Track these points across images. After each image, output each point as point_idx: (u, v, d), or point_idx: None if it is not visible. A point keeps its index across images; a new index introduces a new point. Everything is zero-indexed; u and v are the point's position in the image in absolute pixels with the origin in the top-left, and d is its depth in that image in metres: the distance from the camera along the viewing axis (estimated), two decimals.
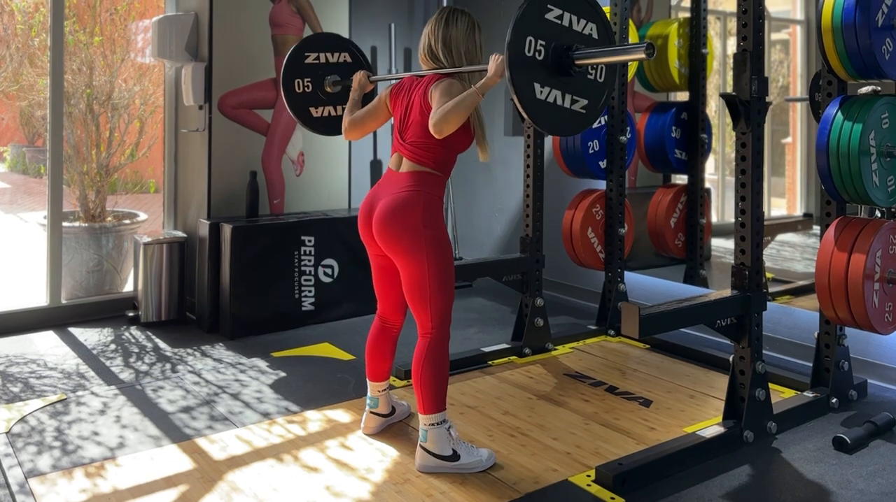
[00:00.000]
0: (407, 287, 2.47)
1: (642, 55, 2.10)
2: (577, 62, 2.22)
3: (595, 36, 2.31)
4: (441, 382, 2.45)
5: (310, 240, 4.14)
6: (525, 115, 2.18)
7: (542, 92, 2.20)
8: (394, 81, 2.76)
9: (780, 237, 5.22)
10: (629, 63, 4.00)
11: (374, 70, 5.26)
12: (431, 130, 2.33)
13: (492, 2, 5.40)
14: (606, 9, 4.00)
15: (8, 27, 5.12)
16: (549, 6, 2.21)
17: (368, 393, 2.74)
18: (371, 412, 2.74)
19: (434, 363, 2.44)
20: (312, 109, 3.10)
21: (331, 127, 3.15)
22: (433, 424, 2.43)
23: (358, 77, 2.89)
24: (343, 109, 3.09)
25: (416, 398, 2.47)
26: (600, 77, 2.34)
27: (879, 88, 2.98)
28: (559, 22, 2.23)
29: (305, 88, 3.07)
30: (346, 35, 4.63)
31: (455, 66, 2.53)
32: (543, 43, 2.19)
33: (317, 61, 3.07)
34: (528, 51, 2.16)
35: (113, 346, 3.76)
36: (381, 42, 5.28)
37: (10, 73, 5.14)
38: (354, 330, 4.02)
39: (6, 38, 5.09)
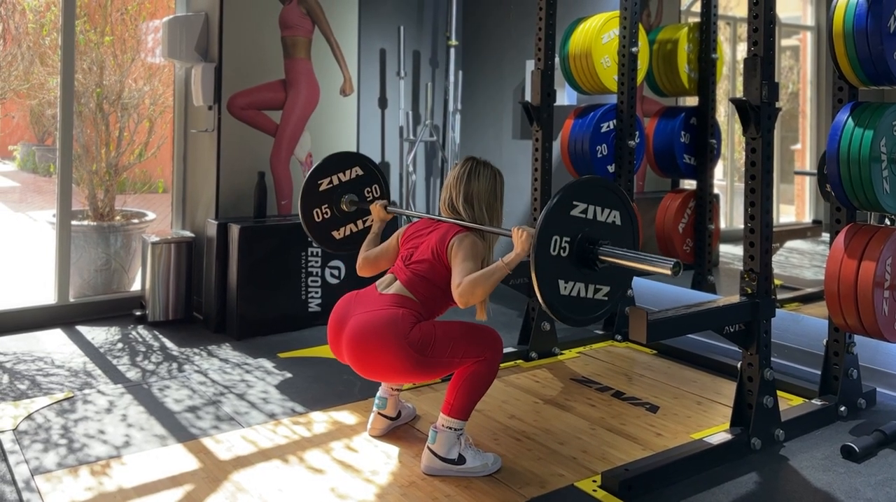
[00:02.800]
0: (431, 380, 2.44)
1: (668, 271, 2.08)
2: (602, 258, 2.21)
3: (618, 222, 2.29)
4: (479, 395, 2.43)
5: None
6: (549, 312, 2.17)
7: (565, 288, 2.18)
8: (414, 219, 2.75)
9: (789, 244, 5.20)
10: (638, 68, 3.99)
11: (382, 73, 5.27)
12: (457, 299, 2.32)
13: (500, 5, 5.40)
14: (616, 13, 4.00)
15: (19, 26, 5.15)
16: (574, 202, 2.20)
17: (378, 393, 2.74)
18: (378, 413, 2.73)
19: (482, 377, 2.42)
20: (335, 233, 3.14)
21: (354, 243, 3.13)
22: (451, 428, 2.41)
23: (376, 211, 2.92)
24: (363, 223, 3.16)
25: (445, 397, 2.44)
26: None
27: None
28: (584, 216, 2.22)
29: (325, 215, 3.11)
30: (355, 37, 4.65)
31: (475, 219, 2.54)
32: (568, 239, 2.18)
33: (330, 185, 3.10)
34: (553, 250, 2.15)
35: (120, 345, 3.77)
36: (390, 44, 5.29)
37: (21, 71, 5.17)
38: None
39: (17, 37, 5.13)
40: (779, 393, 2.81)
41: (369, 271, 2.79)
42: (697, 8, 4.45)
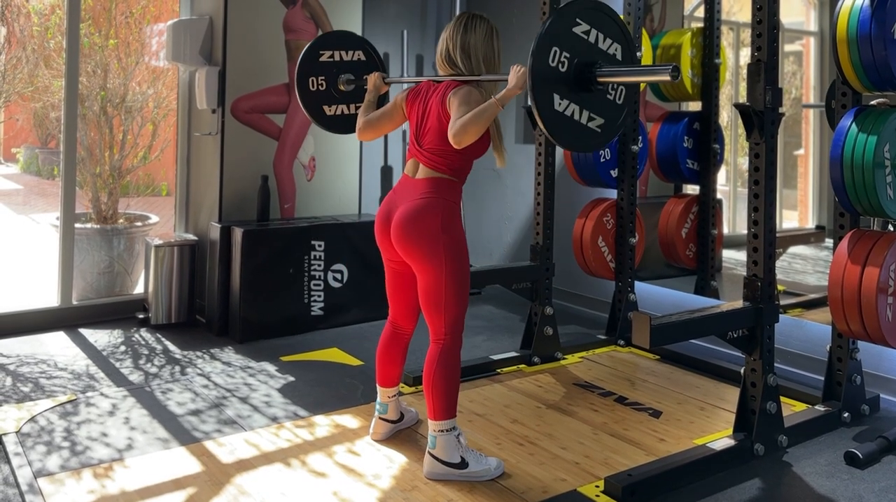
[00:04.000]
0: (423, 292, 2.47)
1: (667, 77, 2.09)
2: (600, 79, 2.21)
3: (619, 57, 2.31)
4: (452, 389, 2.44)
5: (320, 245, 4.15)
6: (541, 125, 2.17)
7: (560, 104, 2.19)
8: (409, 85, 2.75)
9: (792, 249, 5.19)
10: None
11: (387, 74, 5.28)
12: (451, 141, 2.33)
13: (505, 7, 5.41)
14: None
15: (24, 29, 5.17)
16: (577, 20, 2.21)
17: (378, 399, 2.74)
18: (380, 418, 2.73)
19: (446, 369, 2.43)
20: (326, 108, 3.10)
21: (343, 125, 3.14)
22: (443, 431, 2.42)
23: (373, 79, 2.89)
24: (356, 108, 3.10)
25: (426, 404, 2.46)
26: (619, 99, 2.33)
27: (886, 101, 2.96)
28: (585, 37, 2.22)
29: (319, 86, 3.07)
30: None
31: (473, 72, 2.52)
32: (568, 55, 2.18)
33: (331, 59, 3.07)
34: (552, 61, 2.16)
35: (123, 348, 3.77)
36: (394, 48, 5.30)
37: (26, 74, 5.19)
38: (363, 335, 4.02)
39: (22, 40, 5.14)
40: (782, 398, 2.81)
41: (371, 134, 2.79)
42: (701, 13, 4.45)
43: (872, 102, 2.93)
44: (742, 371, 2.72)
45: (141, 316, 4.20)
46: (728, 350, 3.54)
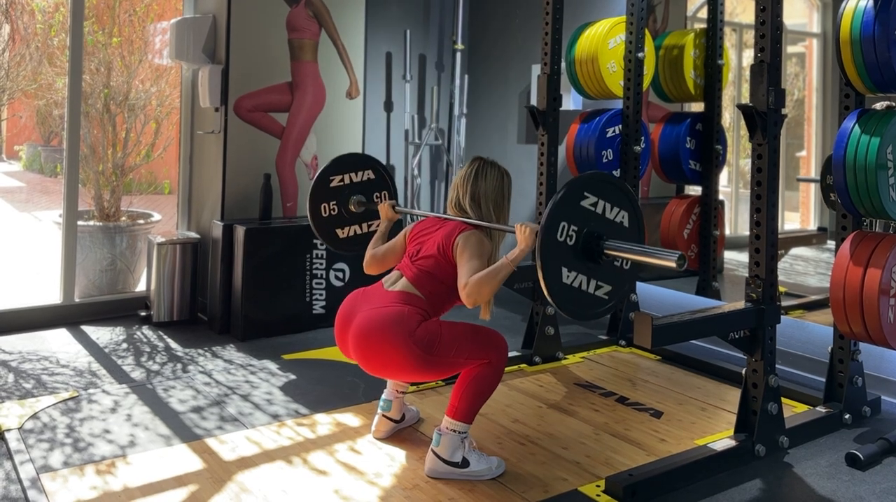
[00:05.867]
0: (436, 379, 2.45)
1: (672, 264, 2.10)
2: (607, 252, 2.23)
3: (626, 224, 2.32)
4: (484, 399, 2.44)
5: (322, 244, 4.15)
6: (549, 299, 2.19)
7: (568, 276, 2.21)
8: (419, 217, 2.77)
9: (794, 251, 5.19)
10: (644, 73, 4.00)
11: (388, 77, 5.29)
12: (464, 298, 2.34)
13: (507, 5, 5.42)
14: (622, 18, 4.01)
15: (28, 26, 5.18)
16: (585, 193, 2.23)
17: (383, 396, 2.74)
18: (383, 416, 2.74)
19: (486, 379, 2.42)
20: (339, 231, 3.18)
21: (356, 245, 3.20)
22: (455, 431, 2.42)
23: (384, 210, 2.94)
24: (368, 226, 3.19)
25: (450, 400, 2.44)
26: (626, 265, 2.34)
27: (892, 104, 2.96)
28: (593, 209, 2.25)
29: (332, 211, 3.14)
30: (361, 40, 4.67)
31: (482, 218, 2.56)
32: (576, 229, 2.21)
33: (341, 183, 3.14)
34: (560, 236, 2.18)
35: (125, 345, 3.78)
36: (396, 48, 5.30)
37: (30, 72, 5.20)
38: None
39: (26, 38, 5.15)
40: (783, 400, 2.81)
41: (376, 269, 2.80)
42: (704, 14, 4.46)
43: (876, 105, 2.93)
44: (743, 372, 2.72)
45: (143, 313, 4.20)
46: (729, 351, 3.54)
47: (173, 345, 3.82)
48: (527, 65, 5.18)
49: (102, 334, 3.94)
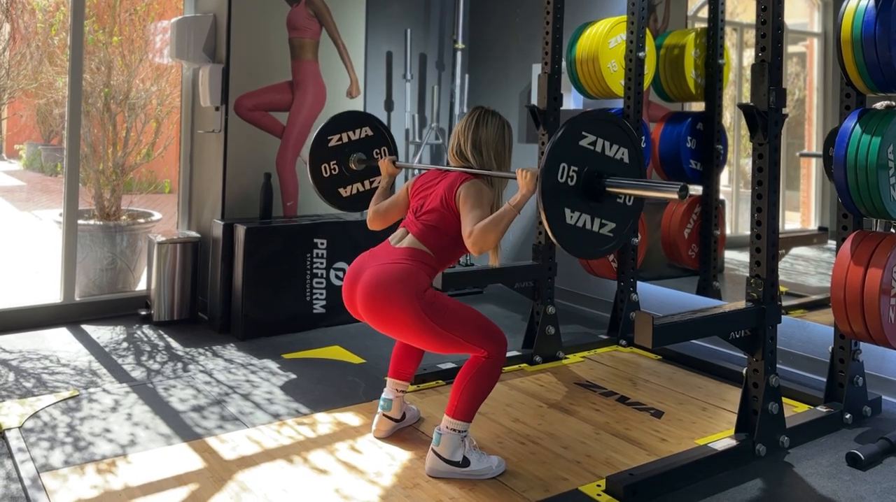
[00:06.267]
0: (431, 349, 2.46)
1: (675, 195, 2.11)
2: (609, 189, 2.23)
3: (626, 160, 2.33)
4: (483, 396, 2.44)
5: (322, 243, 4.15)
6: (554, 240, 2.20)
7: (572, 217, 2.22)
8: (418, 172, 2.79)
9: (794, 251, 5.19)
10: (644, 73, 4.00)
11: (389, 76, 5.28)
12: (470, 247, 2.35)
13: (507, 4, 5.41)
14: (623, 17, 4.01)
15: (28, 25, 5.18)
16: (583, 132, 2.23)
17: (384, 395, 2.74)
18: (383, 415, 2.74)
19: (485, 377, 2.43)
20: (341, 190, 3.19)
21: (361, 203, 3.23)
22: (455, 430, 2.42)
23: (384, 165, 2.95)
24: (370, 183, 3.21)
25: (449, 399, 2.44)
26: (629, 201, 2.35)
27: (893, 104, 2.96)
28: (592, 148, 2.25)
29: (332, 171, 3.16)
30: (362, 40, 4.67)
31: (483, 166, 2.57)
32: (576, 169, 2.21)
33: (340, 142, 3.15)
34: (561, 177, 2.19)
35: (125, 344, 3.78)
36: (397, 47, 5.30)
37: (30, 70, 5.19)
38: (365, 333, 4.02)
39: (27, 37, 5.15)
40: (784, 399, 2.81)
41: (380, 224, 2.82)
42: (704, 13, 4.45)
43: (876, 105, 2.93)
44: (744, 371, 2.72)
45: (143, 312, 4.20)
46: (730, 350, 3.54)
47: (174, 344, 3.82)
48: (527, 64, 5.18)
49: (103, 333, 3.94)
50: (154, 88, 5.08)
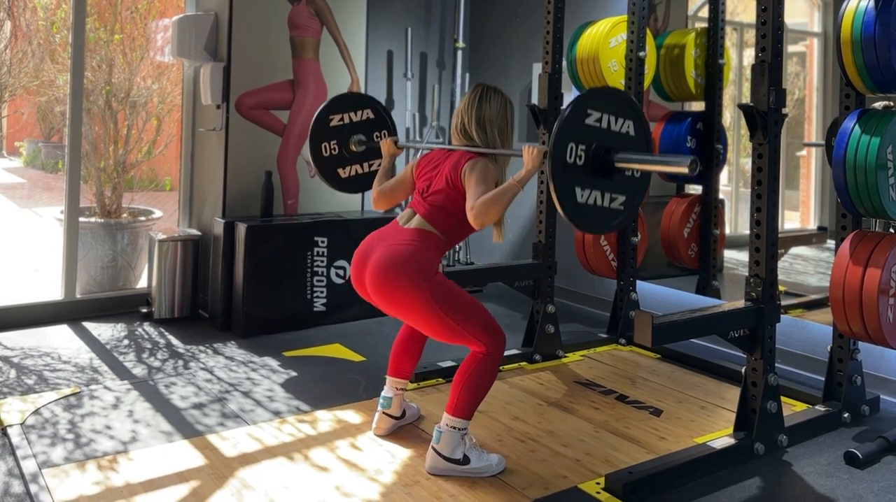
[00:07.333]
0: (430, 333, 2.47)
1: (685, 169, 2.12)
2: (618, 165, 2.25)
3: (632, 133, 2.35)
4: (482, 394, 2.45)
5: (323, 241, 4.16)
6: (567, 219, 2.22)
7: (583, 195, 2.24)
8: (423, 151, 2.80)
9: (794, 250, 5.20)
10: (645, 72, 4.01)
11: (389, 75, 5.29)
12: (472, 221, 2.36)
13: (509, 7, 5.42)
14: (623, 17, 4.02)
15: (30, 23, 5.18)
16: (588, 111, 2.25)
17: (383, 393, 2.75)
18: (383, 413, 2.75)
19: (483, 374, 2.44)
20: (340, 170, 3.21)
21: (358, 185, 3.25)
22: (454, 428, 2.43)
23: (386, 146, 2.95)
24: (369, 167, 3.22)
25: (449, 397, 2.46)
26: (637, 173, 2.37)
27: (891, 104, 2.97)
28: (598, 124, 2.27)
29: (332, 151, 3.17)
30: (363, 38, 4.68)
31: (488, 143, 2.58)
32: (584, 147, 2.23)
33: (341, 122, 3.17)
34: (570, 157, 2.20)
35: (126, 342, 3.79)
36: (398, 45, 5.31)
37: (32, 68, 5.20)
38: (365, 331, 4.04)
39: (28, 34, 5.16)
40: (782, 398, 2.82)
41: (385, 204, 2.82)
42: (705, 13, 4.46)
43: (876, 105, 2.93)
44: (743, 370, 2.73)
45: (144, 310, 4.21)
46: (729, 349, 3.55)
47: (174, 341, 3.83)
48: (528, 63, 5.18)
49: (104, 330, 3.95)
50: (155, 86, 5.08)
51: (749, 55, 5.14)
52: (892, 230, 3.10)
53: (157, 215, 4.99)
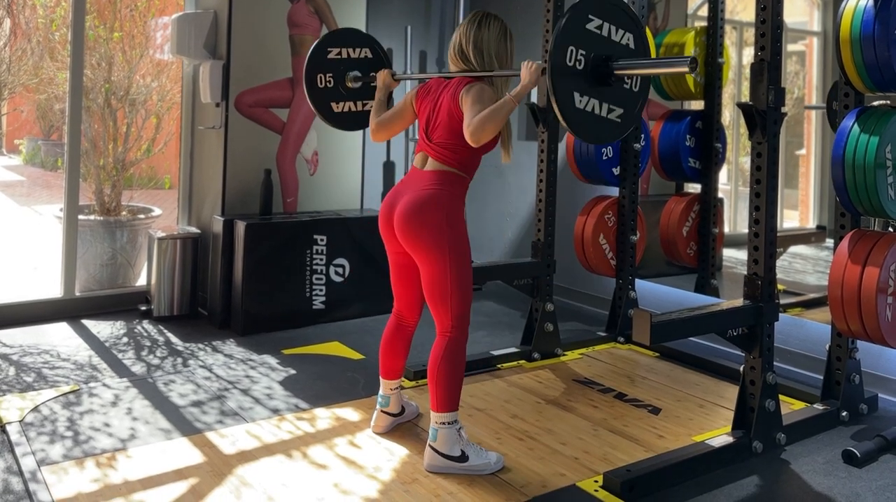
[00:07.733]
0: (427, 285, 2.49)
1: (685, 69, 2.13)
2: (618, 72, 2.25)
3: (632, 46, 2.35)
4: (456, 382, 2.46)
5: (322, 240, 4.16)
6: (564, 124, 2.22)
7: (581, 101, 2.24)
8: (419, 82, 2.79)
9: (793, 249, 5.20)
10: None
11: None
12: (468, 139, 2.35)
13: (509, 6, 5.41)
14: None
15: (30, 21, 5.18)
16: (590, 16, 2.25)
17: (380, 392, 2.76)
18: (382, 411, 2.75)
19: (451, 362, 2.45)
20: (333, 104, 3.14)
21: (350, 122, 3.19)
22: (444, 423, 2.44)
23: (382, 76, 2.92)
24: (363, 105, 3.15)
25: (429, 396, 2.48)
26: (636, 87, 2.38)
27: (889, 102, 2.97)
28: (599, 32, 2.27)
29: (327, 83, 3.11)
30: None
31: (485, 68, 2.56)
32: (584, 53, 2.23)
33: (339, 56, 3.11)
34: (570, 60, 2.20)
35: (125, 339, 3.79)
36: (397, 44, 5.30)
37: (31, 66, 5.20)
38: (364, 329, 4.04)
39: (28, 32, 5.15)
40: (781, 397, 2.82)
41: (384, 135, 2.83)
42: (704, 12, 4.46)
43: (874, 103, 2.94)
44: (741, 369, 2.74)
45: (143, 307, 4.21)
46: (727, 348, 3.55)
47: (174, 339, 3.83)
48: None
49: (103, 328, 3.95)
50: (155, 84, 5.08)
51: (748, 54, 5.14)
52: (890, 229, 3.10)
53: (157, 213, 4.99)
